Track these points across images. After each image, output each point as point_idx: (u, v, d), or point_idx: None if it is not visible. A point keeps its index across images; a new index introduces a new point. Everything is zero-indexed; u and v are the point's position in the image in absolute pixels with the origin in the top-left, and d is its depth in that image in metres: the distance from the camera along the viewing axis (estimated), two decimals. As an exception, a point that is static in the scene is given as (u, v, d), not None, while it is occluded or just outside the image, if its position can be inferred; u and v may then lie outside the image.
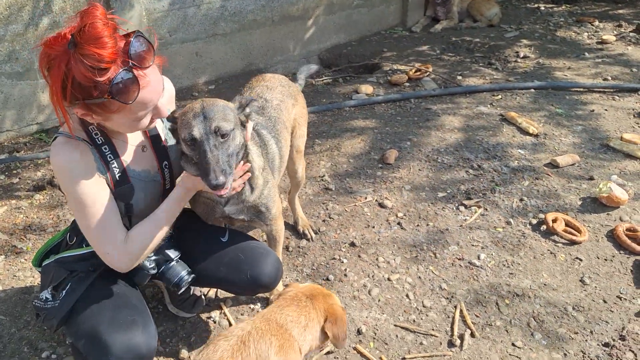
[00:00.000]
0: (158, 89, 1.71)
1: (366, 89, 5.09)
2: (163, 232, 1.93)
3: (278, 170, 2.39)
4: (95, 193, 1.78)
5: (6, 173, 3.80)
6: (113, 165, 1.84)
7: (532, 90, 4.93)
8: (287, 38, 5.84)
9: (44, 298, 1.97)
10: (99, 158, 1.81)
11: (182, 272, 2.08)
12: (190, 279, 2.08)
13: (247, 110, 1.94)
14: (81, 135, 1.80)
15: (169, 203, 1.93)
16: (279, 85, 2.67)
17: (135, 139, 1.95)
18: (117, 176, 1.85)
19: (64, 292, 1.94)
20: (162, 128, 2.06)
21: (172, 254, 2.09)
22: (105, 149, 1.82)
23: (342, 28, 6.38)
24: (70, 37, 1.54)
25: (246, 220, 2.24)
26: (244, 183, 2.05)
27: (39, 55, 1.60)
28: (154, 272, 2.04)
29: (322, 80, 5.59)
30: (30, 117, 4.28)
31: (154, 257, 2.05)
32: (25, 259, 2.91)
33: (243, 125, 1.93)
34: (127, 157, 1.91)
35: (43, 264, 2.10)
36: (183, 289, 2.09)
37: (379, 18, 6.81)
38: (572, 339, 2.39)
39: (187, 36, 4.99)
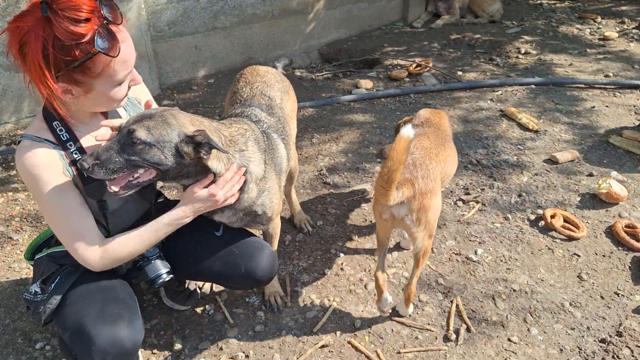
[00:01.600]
0: (133, 47, 1.70)
1: (366, 83, 5.07)
2: (147, 247, 1.89)
3: (285, 172, 2.35)
4: (64, 197, 1.75)
5: (3, 165, 3.79)
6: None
7: (533, 86, 4.91)
8: (287, 32, 5.82)
9: (33, 291, 1.95)
10: (65, 156, 1.77)
11: (162, 270, 2.02)
12: (168, 279, 2.02)
13: (200, 146, 1.76)
14: (46, 135, 1.75)
15: (163, 221, 1.87)
16: (275, 81, 2.61)
17: (103, 133, 1.87)
18: (85, 175, 1.78)
19: (53, 285, 1.93)
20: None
21: (149, 252, 2.03)
22: (70, 145, 1.77)
23: (342, 23, 6.35)
24: (40, 3, 1.52)
25: (241, 224, 2.20)
26: (239, 191, 1.99)
27: (7, 39, 1.56)
28: (128, 266, 2.02)
29: (322, 75, 5.57)
30: (28, 109, 4.26)
31: None
32: (21, 251, 2.90)
33: (181, 154, 1.74)
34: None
35: (35, 257, 2.09)
36: (157, 288, 2.04)
37: (379, 13, 6.79)
38: (569, 334, 2.38)
39: (187, 29, 4.97)
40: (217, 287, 2.64)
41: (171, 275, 2.05)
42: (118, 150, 1.67)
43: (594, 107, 4.51)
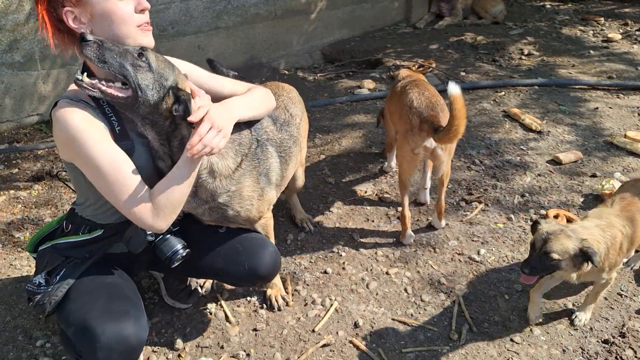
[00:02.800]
0: None
1: (368, 84, 5.07)
2: (186, 188, 1.85)
3: (275, 185, 2.28)
4: (109, 151, 1.74)
5: (5, 163, 3.79)
6: (112, 118, 1.80)
7: (536, 87, 4.89)
8: (290, 32, 5.82)
9: (37, 282, 1.94)
10: (100, 113, 1.78)
11: (178, 245, 1.99)
12: (184, 254, 2.00)
13: (177, 104, 1.78)
14: (80, 92, 1.77)
15: (180, 163, 1.83)
16: (298, 100, 2.67)
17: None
18: (116, 129, 1.80)
19: (58, 277, 1.92)
20: None
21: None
22: (102, 102, 1.79)
23: (345, 23, 6.35)
24: None
25: (212, 220, 2.15)
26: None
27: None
28: (151, 239, 1.95)
29: (325, 75, 5.57)
30: (30, 107, 4.27)
31: None
32: (22, 249, 2.90)
33: (163, 98, 1.76)
34: (124, 115, 1.85)
35: (39, 250, 2.08)
36: (176, 264, 2.00)
37: (382, 14, 6.78)
38: (572, 335, 2.37)
39: (190, 29, 4.97)
40: (218, 285, 2.63)
41: (187, 250, 2.02)
42: (122, 53, 1.68)
43: (597, 108, 4.49)
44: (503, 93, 4.79)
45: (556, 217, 3.05)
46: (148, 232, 1.92)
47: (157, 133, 1.84)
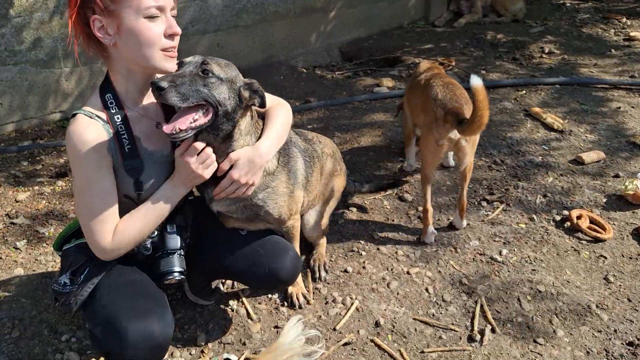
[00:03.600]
0: None
1: (387, 82, 5.05)
2: (152, 227, 1.90)
3: (302, 186, 2.31)
4: (98, 177, 1.79)
5: (29, 159, 3.84)
6: (123, 137, 1.82)
7: (557, 86, 4.84)
8: (308, 30, 5.82)
9: (62, 282, 1.97)
10: (110, 128, 1.80)
11: (175, 267, 1.97)
12: (178, 279, 1.98)
13: (255, 93, 1.88)
14: (98, 112, 1.81)
15: (157, 196, 1.88)
16: (336, 150, 2.82)
17: (150, 111, 1.92)
18: (126, 148, 1.82)
19: (82, 277, 1.95)
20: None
21: (171, 244, 1.99)
22: (117, 118, 1.81)
23: (363, 21, 6.34)
24: None
25: (242, 218, 2.16)
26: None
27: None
28: (147, 253, 1.98)
29: (343, 74, 5.56)
30: (53, 105, 4.32)
31: (151, 240, 1.98)
32: (47, 244, 2.94)
33: (240, 99, 1.84)
34: (139, 132, 1.88)
35: (63, 248, 2.11)
36: (164, 283, 1.99)
37: (401, 12, 6.76)
38: (595, 337, 2.34)
39: (209, 27, 5.00)
40: (239, 284, 2.64)
41: (182, 277, 2.00)
42: (191, 80, 1.71)
43: (619, 107, 4.43)
44: (524, 92, 4.75)
45: (579, 217, 3.02)
46: (147, 246, 1.96)
47: (215, 142, 1.87)
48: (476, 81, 2.41)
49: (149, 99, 1.92)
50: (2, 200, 3.32)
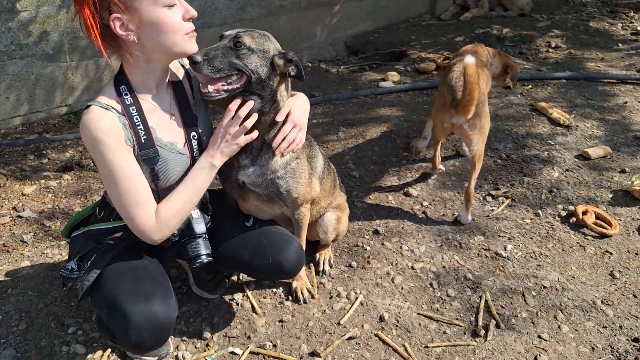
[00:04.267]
0: None
1: (393, 77, 5.03)
2: (193, 202, 1.93)
3: (319, 177, 2.37)
4: (126, 166, 1.78)
5: (36, 153, 3.86)
6: (139, 127, 1.83)
7: (564, 80, 4.81)
8: (314, 24, 5.81)
9: (70, 268, 2.01)
10: (125, 119, 1.80)
11: (202, 250, 2.04)
12: (206, 261, 2.05)
13: (290, 62, 1.96)
14: (113, 103, 1.80)
15: (194, 172, 1.93)
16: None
17: (165, 103, 1.94)
18: (142, 138, 1.84)
19: (89, 262, 1.98)
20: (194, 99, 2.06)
21: (198, 229, 2.05)
22: (132, 109, 1.82)
23: (369, 15, 6.31)
24: None
25: (263, 195, 2.18)
26: (262, 145, 2.06)
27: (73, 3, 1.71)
28: (175, 239, 2.02)
29: (348, 68, 5.55)
30: (60, 98, 4.33)
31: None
32: (53, 237, 2.96)
33: (274, 68, 1.94)
34: (154, 123, 1.89)
35: (72, 235, 2.13)
36: (195, 267, 2.06)
37: (407, 5, 6.73)
38: (601, 333, 2.34)
39: (214, 21, 4.99)
40: (244, 277, 2.65)
41: (210, 258, 2.06)
42: (223, 52, 1.85)
43: (626, 102, 4.41)
44: (530, 86, 4.73)
45: (585, 213, 3.01)
46: (175, 232, 1.98)
47: (261, 107, 1.98)
48: (468, 59, 2.62)
49: (163, 91, 1.94)
50: (9, 194, 3.34)
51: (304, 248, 2.38)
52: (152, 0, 1.70)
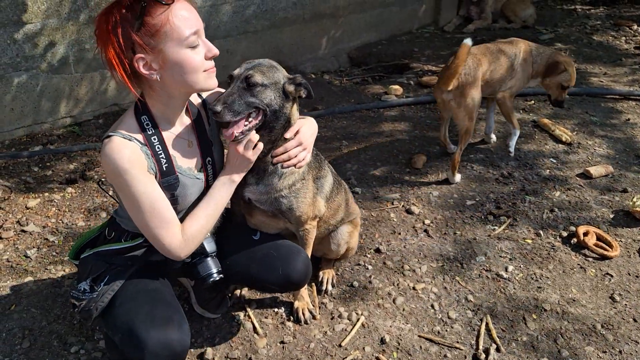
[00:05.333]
0: (194, 12, 1.79)
1: (395, 90, 5.05)
2: (215, 218, 1.99)
3: (325, 197, 2.41)
4: (150, 192, 1.82)
5: (40, 165, 3.88)
6: (160, 156, 1.87)
7: (567, 96, 4.81)
8: (317, 36, 5.83)
9: (82, 289, 2.01)
10: (148, 149, 1.84)
11: (213, 269, 2.10)
12: (217, 279, 2.11)
13: (299, 87, 2.01)
14: (135, 134, 1.83)
15: (215, 189, 1.99)
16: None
17: (184, 131, 1.99)
18: (164, 167, 1.88)
19: (102, 283, 1.99)
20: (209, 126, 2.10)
21: (209, 247, 2.11)
22: (154, 139, 1.86)
23: (372, 26, 6.34)
24: None
25: (268, 211, 2.23)
26: (272, 163, 2.10)
27: (96, 42, 1.74)
28: (187, 260, 2.07)
29: (351, 80, 5.57)
30: (64, 110, 4.36)
31: None
32: (57, 252, 2.98)
33: (286, 95, 1.99)
34: (173, 151, 1.94)
35: (81, 257, 2.15)
36: (207, 286, 2.12)
37: (410, 17, 6.75)
38: (600, 358, 2.35)
39: (219, 33, 5.02)
40: (247, 293, 2.66)
41: (221, 275, 2.11)
42: (239, 95, 1.91)
43: (629, 119, 4.42)
44: (533, 102, 4.74)
45: (586, 234, 3.02)
46: None
47: (269, 137, 2.05)
48: (466, 41, 3.05)
49: (182, 119, 1.99)
50: (12, 207, 3.36)
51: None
52: (177, 42, 1.73)
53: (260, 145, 2.00)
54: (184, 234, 1.89)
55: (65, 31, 4.14)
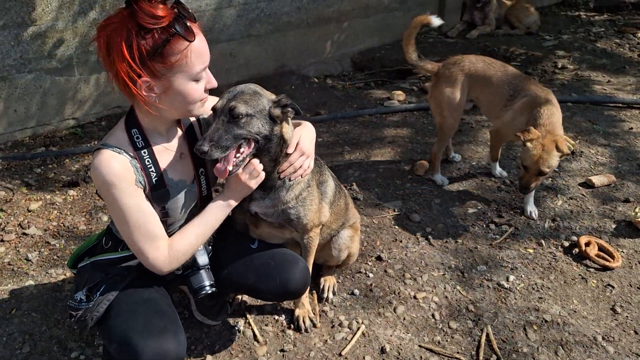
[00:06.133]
0: (207, 46, 1.83)
1: (398, 95, 5.05)
2: (205, 238, 1.98)
3: (330, 202, 2.41)
4: (136, 206, 1.82)
5: (42, 167, 3.89)
6: (150, 170, 1.88)
7: (570, 104, 4.82)
8: (321, 40, 5.83)
9: (79, 299, 2.01)
10: (137, 163, 1.85)
11: (206, 282, 2.10)
12: (210, 291, 2.10)
13: (286, 108, 1.98)
14: (125, 147, 1.84)
15: (210, 210, 1.98)
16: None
17: (174, 144, 1.99)
18: (153, 180, 1.89)
19: (98, 293, 1.99)
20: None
21: (202, 261, 2.11)
22: (144, 152, 1.87)
23: (376, 31, 6.34)
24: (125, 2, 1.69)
25: (275, 223, 2.23)
26: (279, 178, 2.09)
27: (97, 46, 1.73)
28: (178, 272, 2.08)
29: (354, 84, 5.57)
30: (68, 112, 4.36)
31: None
32: (58, 256, 2.98)
33: (273, 119, 1.95)
34: (165, 164, 1.94)
35: (78, 266, 2.15)
36: (200, 297, 2.11)
37: (414, 22, 6.73)
38: (601, 370, 2.34)
39: (222, 36, 5.02)
40: (247, 300, 2.66)
41: (214, 289, 2.11)
42: (225, 128, 1.85)
43: (631, 128, 4.41)
44: (535, 109, 4.72)
45: (588, 244, 3.01)
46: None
47: (271, 156, 2.03)
48: (434, 19, 3.54)
49: (173, 131, 2.00)
50: (14, 210, 3.37)
51: (311, 271, 2.39)
52: (187, 75, 1.76)
53: (263, 175, 2.00)
54: (170, 249, 1.89)
55: (69, 33, 4.14)
